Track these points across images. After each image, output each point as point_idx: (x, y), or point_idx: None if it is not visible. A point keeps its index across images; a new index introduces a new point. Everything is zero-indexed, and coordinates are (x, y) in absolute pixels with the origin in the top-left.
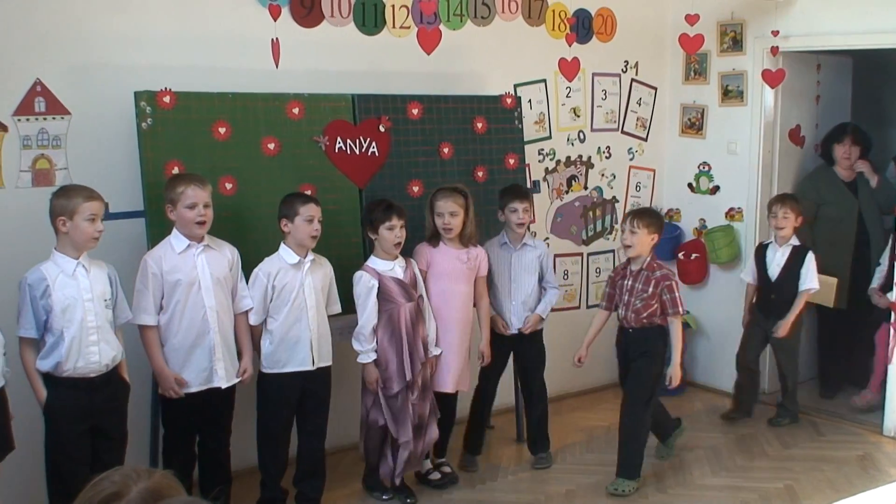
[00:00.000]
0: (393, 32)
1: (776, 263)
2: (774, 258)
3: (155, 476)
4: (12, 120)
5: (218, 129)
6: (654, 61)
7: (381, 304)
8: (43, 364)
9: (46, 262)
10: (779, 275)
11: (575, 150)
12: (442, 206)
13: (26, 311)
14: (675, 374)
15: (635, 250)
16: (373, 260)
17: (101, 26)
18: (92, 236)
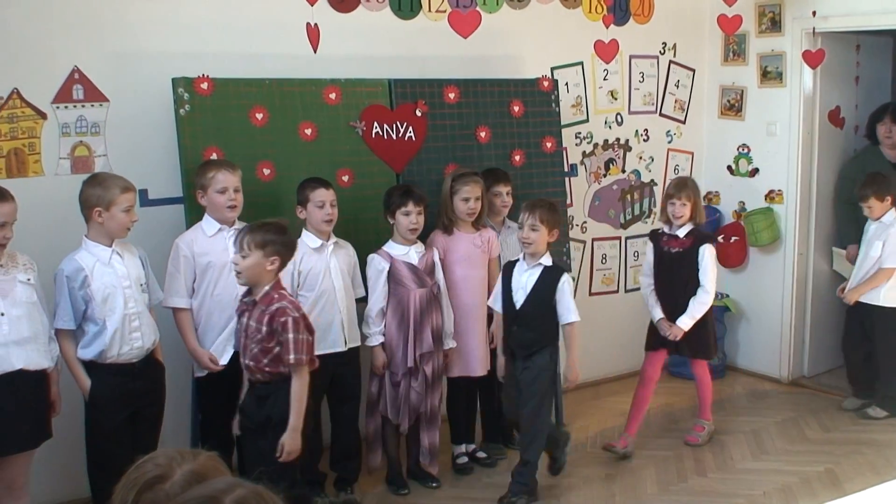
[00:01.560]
0: (429, 16)
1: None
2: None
3: (200, 458)
4: (51, 107)
5: (255, 115)
6: (692, 43)
7: (392, 289)
8: (86, 353)
9: (80, 252)
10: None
11: (612, 133)
12: (469, 191)
13: (64, 302)
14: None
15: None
16: (389, 244)
17: (138, 13)
18: (126, 226)
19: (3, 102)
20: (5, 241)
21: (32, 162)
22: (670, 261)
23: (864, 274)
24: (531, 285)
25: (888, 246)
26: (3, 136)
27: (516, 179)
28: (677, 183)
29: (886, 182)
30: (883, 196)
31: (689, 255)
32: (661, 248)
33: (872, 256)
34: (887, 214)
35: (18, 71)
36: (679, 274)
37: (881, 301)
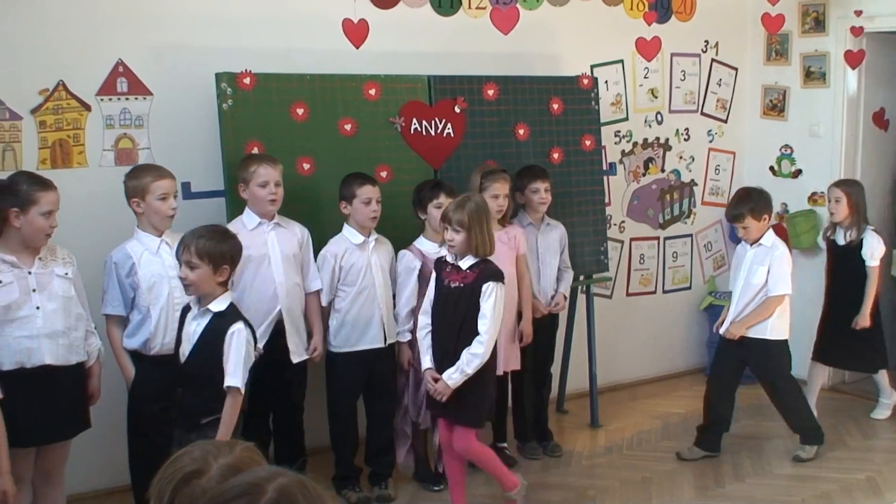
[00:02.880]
0: (469, 13)
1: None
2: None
3: (236, 450)
4: (95, 100)
5: (296, 110)
6: (734, 41)
7: (423, 286)
8: (130, 342)
9: (131, 241)
10: None
11: (652, 132)
12: (498, 188)
13: (112, 288)
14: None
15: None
16: (420, 240)
17: (183, 7)
18: (166, 214)
19: (49, 94)
20: (51, 230)
21: (77, 153)
22: (447, 297)
23: (747, 305)
24: (197, 336)
25: (774, 270)
26: (48, 127)
27: (554, 178)
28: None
29: (764, 199)
30: (760, 215)
31: (471, 294)
32: (441, 281)
33: (755, 284)
34: (766, 236)
35: (64, 63)
36: (456, 315)
37: (768, 334)
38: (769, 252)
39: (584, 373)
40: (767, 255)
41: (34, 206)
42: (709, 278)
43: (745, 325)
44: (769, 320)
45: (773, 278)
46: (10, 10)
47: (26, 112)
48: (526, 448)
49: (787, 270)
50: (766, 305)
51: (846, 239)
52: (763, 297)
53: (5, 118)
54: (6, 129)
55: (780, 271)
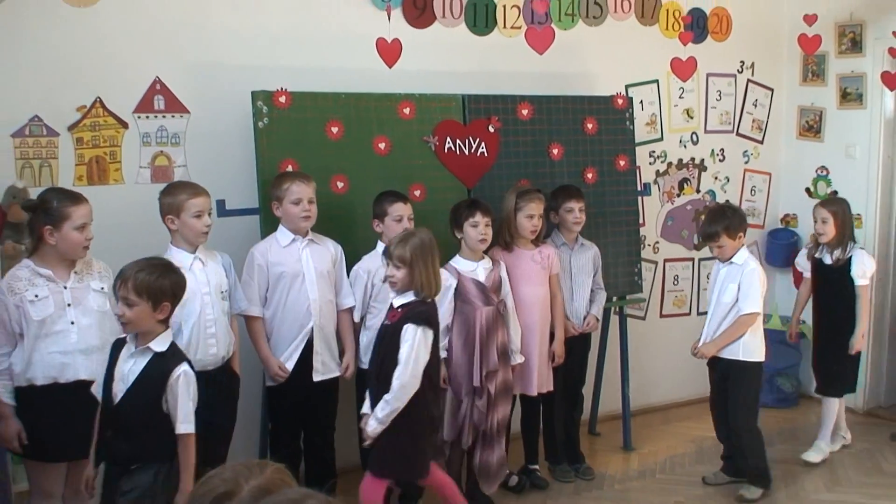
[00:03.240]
0: (504, 32)
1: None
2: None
3: (267, 472)
4: (133, 117)
5: (331, 129)
6: (770, 62)
7: (458, 306)
8: None
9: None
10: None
11: (687, 153)
12: (533, 208)
13: None
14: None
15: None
16: (456, 259)
17: (220, 26)
18: (200, 231)
19: (87, 111)
20: (87, 242)
21: (113, 170)
22: (379, 335)
23: (719, 324)
24: (134, 377)
25: (745, 288)
26: (85, 143)
27: (588, 198)
28: None
29: (738, 216)
30: (735, 233)
31: (393, 334)
32: (384, 320)
33: (726, 303)
34: (739, 254)
35: (102, 80)
36: (378, 356)
37: (741, 355)
38: (740, 269)
39: (617, 395)
40: (739, 272)
41: (67, 221)
42: None
43: (717, 345)
44: (741, 340)
45: (744, 296)
46: (49, 28)
47: (63, 129)
48: (557, 471)
49: (758, 288)
50: (737, 325)
51: (833, 258)
52: (735, 316)
53: (42, 134)
54: (43, 146)
55: (750, 289)
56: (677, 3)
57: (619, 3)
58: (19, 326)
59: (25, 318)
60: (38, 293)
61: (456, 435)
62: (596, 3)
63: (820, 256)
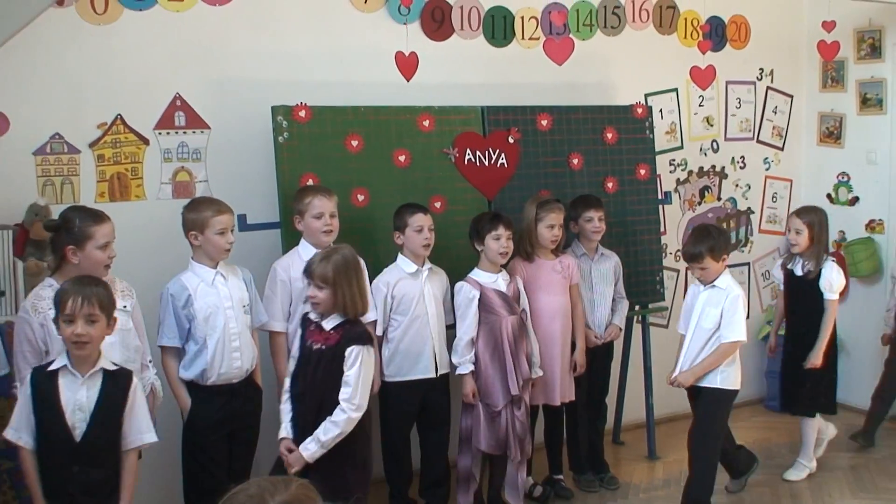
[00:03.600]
0: (522, 44)
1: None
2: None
3: (292, 487)
4: (154, 133)
5: (351, 142)
6: (789, 69)
7: (483, 316)
8: (187, 373)
9: (186, 273)
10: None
11: (708, 161)
12: (554, 218)
13: (168, 320)
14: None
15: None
16: (476, 272)
17: (239, 42)
18: (223, 248)
19: (108, 128)
20: (110, 260)
21: (135, 186)
22: (308, 359)
23: (699, 351)
24: (94, 404)
25: (728, 315)
26: (106, 160)
27: (609, 207)
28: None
29: (724, 238)
30: (719, 255)
31: (332, 358)
32: (304, 341)
33: (706, 329)
34: (721, 277)
35: (122, 97)
36: (315, 380)
37: (719, 383)
38: (724, 294)
39: (641, 403)
40: (722, 297)
41: (90, 240)
42: (766, 307)
43: (695, 374)
44: (720, 368)
45: (727, 323)
46: (69, 46)
47: (85, 146)
48: (582, 480)
49: (742, 315)
50: (718, 353)
51: (804, 270)
52: (716, 343)
53: (64, 152)
54: (64, 163)
55: (734, 316)
56: (696, 11)
57: (637, 12)
58: (45, 345)
59: (50, 336)
60: None
61: (501, 449)
62: (614, 13)
63: (792, 267)
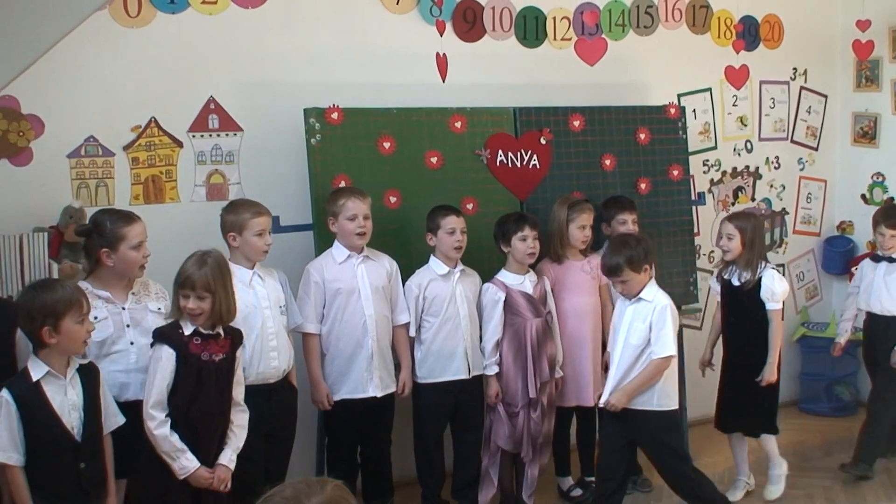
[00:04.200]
0: (554, 45)
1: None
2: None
3: (327, 489)
4: (187, 136)
5: (383, 144)
6: (823, 68)
7: (508, 318)
8: None
9: None
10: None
11: (742, 161)
12: (585, 218)
13: None
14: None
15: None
16: (503, 273)
17: (272, 45)
18: (262, 250)
19: (142, 131)
20: (145, 260)
21: (169, 189)
22: (209, 373)
23: (628, 370)
24: (82, 402)
25: (656, 328)
26: (141, 163)
27: (642, 208)
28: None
29: (642, 247)
30: (639, 266)
31: (233, 362)
32: (193, 357)
33: (635, 345)
34: (647, 289)
35: (156, 100)
36: (221, 389)
37: (655, 404)
38: (651, 307)
39: None
40: (649, 311)
41: (123, 241)
42: (801, 309)
43: (628, 394)
44: (655, 388)
45: (656, 338)
46: (102, 49)
47: (119, 149)
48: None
49: (671, 328)
50: (650, 370)
51: (741, 280)
52: (647, 361)
53: (98, 154)
54: (99, 166)
55: (663, 330)
56: (729, 11)
57: (670, 12)
58: None
59: None
60: (96, 315)
61: (517, 447)
62: (647, 12)
63: (729, 277)
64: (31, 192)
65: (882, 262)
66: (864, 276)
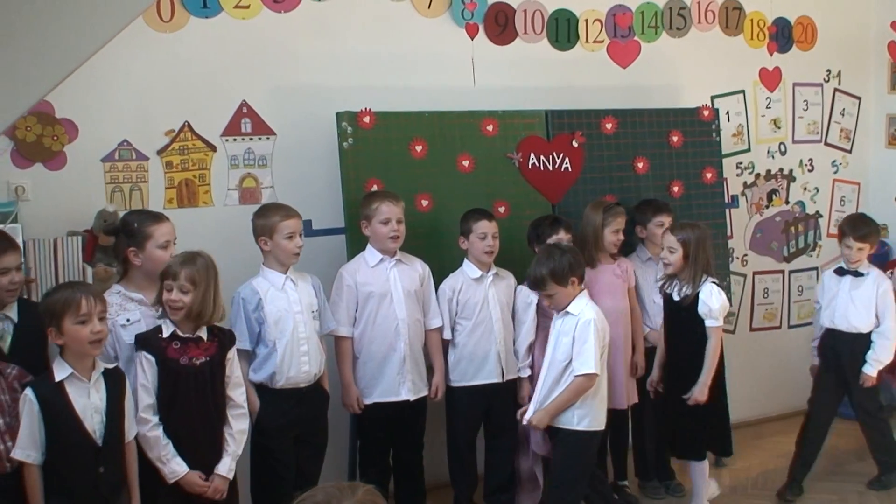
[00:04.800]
0: (586, 47)
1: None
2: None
3: (359, 493)
4: (220, 140)
5: (415, 147)
6: (857, 70)
7: (541, 321)
8: (256, 375)
9: (257, 278)
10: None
11: (775, 163)
12: (620, 223)
13: (240, 323)
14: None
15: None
16: None
17: (305, 48)
18: (292, 252)
19: (175, 135)
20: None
21: (202, 192)
22: (192, 377)
23: (552, 386)
24: (104, 405)
25: (578, 343)
26: (174, 167)
27: (675, 211)
28: None
29: (566, 259)
30: (563, 279)
31: (220, 365)
32: (171, 361)
33: (560, 361)
34: (575, 303)
35: (189, 104)
36: (210, 393)
37: (576, 424)
38: (574, 321)
39: None
40: (572, 324)
41: (150, 240)
42: None
43: (550, 413)
44: (576, 406)
45: (577, 354)
46: (136, 53)
47: (153, 153)
48: (647, 487)
49: (593, 344)
50: (572, 388)
51: (680, 294)
52: (570, 377)
53: (132, 159)
54: (133, 170)
55: (584, 345)
56: (762, 12)
57: (703, 13)
58: (113, 350)
59: (118, 341)
60: (129, 317)
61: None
62: (679, 14)
63: (670, 291)
64: (65, 196)
65: (847, 276)
66: (827, 290)
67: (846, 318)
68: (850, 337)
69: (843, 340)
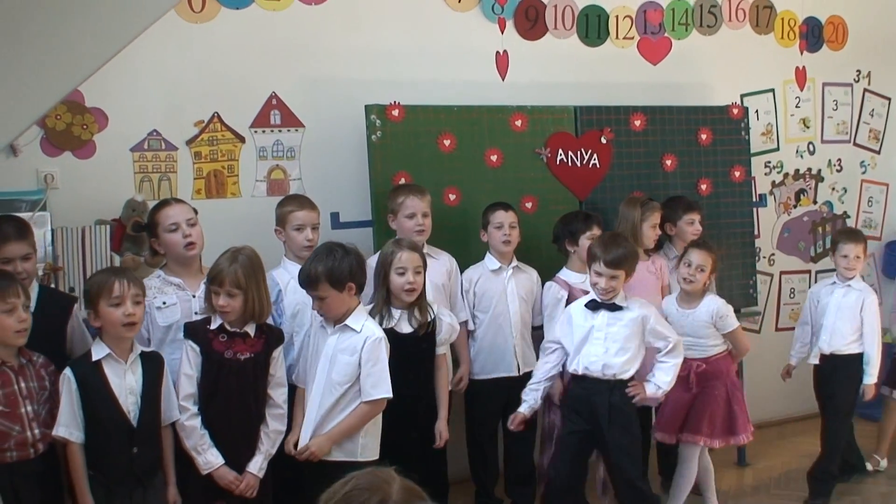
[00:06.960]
0: (616, 43)
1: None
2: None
3: (394, 476)
4: (250, 132)
5: (443, 142)
6: (887, 71)
7: None
8: None
9: (278, 269)
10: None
11: (804, 163)
12: (657, 218)
13: None
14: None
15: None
16: (565, 272)
17: (334, 41)
18: (301, 245)
19: (205, 126)
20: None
21: (231, 183)
22: (234, 372)
23: (330, 410)
24: (140, 387)
25: (367, 365)
26: (203, 157)
27: (702, 209)
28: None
29: (348, 260)
30: (340, 284)
31: (265, 364)
32: (216, 354)
33: (339, 383)
34: (354, 316)
35: (219, 96)
36: (251, 390)
37: (359, 455)
38: (360, 339)
39: None
40: (358, 343)
41: (158, 226)
42: None
43: (334, 438)
44: (360, 434)
45: (367, 376)
46: (166, 44)
47: (182, 143)
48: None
49: (384, 365)
50: (360, 414)
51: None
52: (355, 401)
53: (161, 149)
54: (162, 160)
55: (376, 366)
56: (793, 11)
57: (734, 12)
58: (147, 332)
59: (152, 323)
60: (165, 300)
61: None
62: (710, 11)
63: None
64: (94, 185)
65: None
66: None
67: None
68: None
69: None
